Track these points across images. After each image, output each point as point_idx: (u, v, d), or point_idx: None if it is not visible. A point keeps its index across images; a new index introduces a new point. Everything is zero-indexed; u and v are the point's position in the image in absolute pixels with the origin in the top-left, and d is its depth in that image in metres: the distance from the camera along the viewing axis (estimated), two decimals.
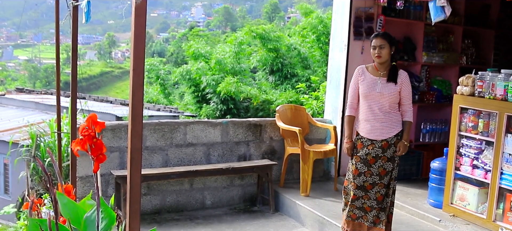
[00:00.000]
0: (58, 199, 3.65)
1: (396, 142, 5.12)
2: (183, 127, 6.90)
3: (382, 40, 5.07)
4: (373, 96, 5.09)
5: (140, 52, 2.89)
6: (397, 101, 5.13)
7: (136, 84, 2.90)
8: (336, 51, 7.78)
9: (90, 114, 3.13)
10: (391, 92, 5.06)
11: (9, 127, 16.44)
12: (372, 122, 5.12)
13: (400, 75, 5.11)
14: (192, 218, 6.70)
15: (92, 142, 3.14)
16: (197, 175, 6.80)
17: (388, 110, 5.09)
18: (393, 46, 5.12)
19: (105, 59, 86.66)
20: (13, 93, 23.54)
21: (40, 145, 11.29)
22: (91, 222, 3.51)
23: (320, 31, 17.96)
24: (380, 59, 5.08)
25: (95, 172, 3.26)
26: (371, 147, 5.12)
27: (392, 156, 5.13)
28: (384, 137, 5.09)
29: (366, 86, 5.13)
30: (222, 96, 16.88)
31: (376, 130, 5.11)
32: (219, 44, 27.32)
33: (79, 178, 6.23)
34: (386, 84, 5.07)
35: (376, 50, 5.08)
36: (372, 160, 5.12)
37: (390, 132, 5.10)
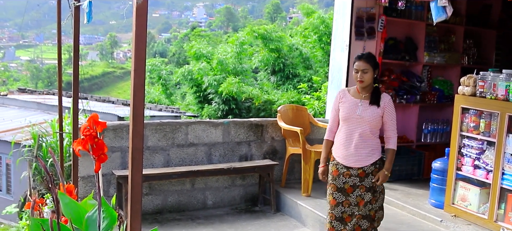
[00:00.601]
0: (60, 199, 3.66)
1: (374, 171, 4.71)
2: (185, 127, 6.91)
3: (366, 64, 4.66)
4: (354, 120, 4.71)
5: (142, 52, 2.90)
6: (378, 126, 4.73)
7: (138, 85, 2.90)
8: (338, 51, 7.79)
9: (91, 115, 3.14)
10: (373, 116, 4.66)
11: (11, 127, 16.47)
12: (348, 147, 4.72)
13: (383, 98, 4.73)
14: (194, 218, 6.71)
15: (93, 141, 3.15)
16: (198, 175, 6.82)
17: (368, 135, 4.68)
18: (376, 70, 4.73)
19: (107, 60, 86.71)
20: (15, 94, 23.58)
21: (42, 145, 11.31)
22: (93, 221, 3.51)
23: (322, 32, 17.98)
24: (363, 84, 4.68)
25: (96, 171, 3.26)
26: (347, 175, 4.73)
27: (371, 186, 4.72)
28: (360, 164, 4.70)
29: (347, 109, 4.75)
30: (224, 96, 16.90)
31: (351, 156, 4.71)
32: (220, 44, 27.35)
33: (81, 178, 6.25)
34: (368, 107, 4.69)
35: (359, 74, 4.68)
36: (350, 189, 4.73)
37: (367, 159, 4.70)
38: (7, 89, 29.75)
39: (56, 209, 3.92)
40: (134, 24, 2.78)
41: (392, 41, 8.11)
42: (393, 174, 7.48)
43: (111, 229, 3.74)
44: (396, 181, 7.55)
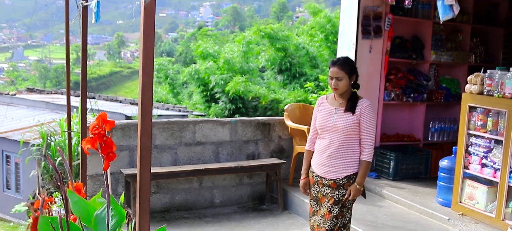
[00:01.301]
0: (69, 197, 3.69)
1: (346, 185, 4.38)
2: (192, 126, 6.94)
3: (339, 71, 4.33)
4: (328, 129, 4.41)
5: (149, 51, 2.93)
6: (355, 135, 4.35)
7: (146, 83, 2.93)
8: (345, 50, 7.79)
9: (100, 113, 3.17)
10: (347, 124, 4.32)
11: (20, 126, 16.56)
12: (322, 156, 4.46)
13: (360, 104, 4.36)
14: (201, 216, 6.74)
15: (102, 140, 3.17)
16: (206, 174, 6.85)
17: (343, 146, 4.36)
18: (353, 75, 4.40)
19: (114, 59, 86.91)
20: (24, 93, 23.69)
21: (50, 144, 11.37)
22: (101, 219, 3.54)
23: (329, 30, 18.00)
24: (337, 91, 4.37)
25: (105, 170, 3.29)
26: (320, 184, 4.48)
27: (340, 199, 4.39)
28: (332, 176, 4.40)
29: (322, 117, 4.48)
30: (231, 95, 16.93)
31: (324, 166, 4.45)
32: (227, 43, 27.39)
33: (89, 176, 6.28)
34: (343, 115, 4.37)
35: (333, 81, 4.37)
36: (322, 198, 4.48)
37: (340, 172, 4.39)
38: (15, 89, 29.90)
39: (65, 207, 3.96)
40: (142, 24, 2.81)
41: (399, 40, 8.12)
42: (400, 172, 7.54)
43: (120, 227, 3.77)
44: (403, 180, 7.56)
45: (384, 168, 7.69)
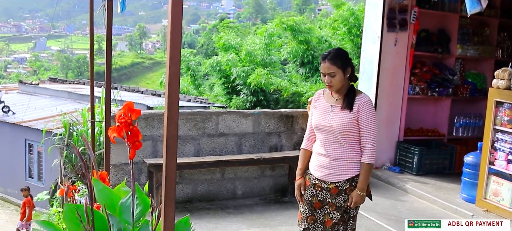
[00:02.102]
0: (94, 185, 3.70)
1: (349, 190, 3.98)
2: (215, 117, 6.94)
3: (331, 66, 3.90)
4: (323, 128, 4.03)
5: (177, 41, 2.91)
6: (355, 134, 3.95)
7: (173, 73, 2.92)
8: (369, 43, 7.73)
9: (126, 102, 3.16)
10: (343, 123, 3.91)
11: (43, 115, 16.72)
12: (320, 157, 4.07)
13: (359, 100, 3.93)
14: (223, 207, 6.73)
15: (128, 129, 3.17)
16: (228, 165, 6.84)
17: (342, 146, 3.97)
18: (347, 68, 3.95)
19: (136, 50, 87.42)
20: (47, 83, 23.93)
21: (72, 134, 11.46)
22: (126, 208, 3.55)
23: (352, 24, 17.87)
24: (332, 88, 3.97)
25: (131, 158, 3.29)
26: (318, 188, 4.07)
27: (342, 206, 4.02)
28: (333, 179, 4.00)
29: (317, 116, 4.09)
30: (252, 88, 16.90)
31: (324, 168, 4.04)
32: (249, 36, 27.34)
33: (112, 165, 6.31)
34: (339, 113, 3.96)
35: (326, 78, 3.95)
36: (317, 204, 4.08)
37: (341, 174, 3.99)
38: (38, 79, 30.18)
39: (90, 195, 3.98)
40: (169, 13, 2.79)
41: (425, 33, 8.03)
42: (424, 167, 7.48)
43: (144, 215, 3.78)
44: (426, 175, 7.49)
45: (407, 163, 7.63)
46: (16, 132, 17.05)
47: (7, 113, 17.61)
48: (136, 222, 3.59)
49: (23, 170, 17.28)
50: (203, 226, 5.93)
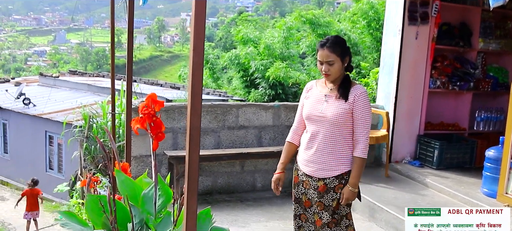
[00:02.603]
0: (116, 176, 3.73)
1: (337, 187, 3.79)
2: (235, 110, 6.95)
3: (330, 54, 3.72)
4: (315, 118, 3.83)
5: (200, 32, 2.91)
6: (347, 126, 3.76)
7: (196, 64, 2.93)
8: (390, 36, 7.68)
9: (150, 94, 3.18)
10: (337, 112, 3.73)
11: (63, 108, 16.88)
12: (309, 152, 3.87)
13: (354, 90, 3.76)
14: (243, 199, 6.75)
15: (152, 120, 3.20)
16: (248, 158, 6.85)
17: (334, 138, 3.77)
18: (346, 57, 3.80)
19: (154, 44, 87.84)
20: (67, 76, 24.13)
21: (92, 126, 11.55)
22: (149, 199, 3.58)
23: (371, 17, 17.76)
24: (329, 77, 3.79)
25: (154, 150, 3.32)
26: (307, 185, 3.91)
27: (330, 205, 3.81)
28: (321, 174, 3.81)
29: (309, 105, 3.89)
30: (271, 81, 16.89)
31: (312, 163, 3.85)
32: (267, 29, 27.31)
33: (133, 157, 6.35)
34: (333, 102, 3.78)
35: (323, 66, 3.77)
36: (307, 202, 3.94)
37: (331, 170, 3.79)
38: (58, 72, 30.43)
39: (113, 186, 4.01)
40: (193, 4, 2.80)
41: (446, 27, 7.96)
42: (445, 161, 7.42)
43: (166, 206, 3.80)
44: (447, 169, 7.44)
45: (427, 157, 7.58)
46: (36, 124, 17.23)
47: (28, 106, 17.80)
48: (158, 213, 3.62)
49: (43, 161, 17.46)
50: (223, 218, 5.95)
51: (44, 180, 16.58)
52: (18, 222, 12.97)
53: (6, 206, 15.18)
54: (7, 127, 18.65)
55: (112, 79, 7.02)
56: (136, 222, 3.78)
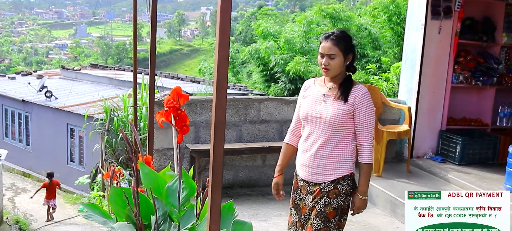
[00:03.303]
0: (140, 169, 3.76)
1: (332, 192, 3.54)
2: (257, 104, 6.96)
3: (333, 47, 3.48)
4: (312, 119, 3.59)
5: (226, 26, 2.92)
6: (347, 128, 3.53)
7: (222, 58, 2.94)
8: (413, 30, 7.63)
9: (175, 87, 3.20)
10: (336, 114, 3.48)
11: (84, 101, 17.01)
12: (305, 155, 3.65)
13: (355, 91, 3.51)
14: (264, 193, 6.76)
15: (176, 113, 3.22)
16: (270, 152, 6.86)
17: (332, 140, 3.53)
18: (349, 55, 3.54)
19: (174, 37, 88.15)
20: (88, 69, 24.30)
21: (113, 119, 11.63)
22: (173, 191, 3.60)
23: (392, 11, 17.64)
24: (328, 73, 3.53)
25: (179, 143, 3.33)
26: (304, 191, 3.69)
27: (323, 211, 3.54)
28: (317, 179, 3.58)
29: (306, 106, 3.66)
30: (291, 75, 16.87)
31: (308, 167, 3.64)
32: (287, 23, 27.26)
33: (155, 150, 6.39)
34: (332, 102, 3.54)
35: (324, 60, 3.52)
36: (303, 208, 3.71)
37: (327, 173, 3.56)
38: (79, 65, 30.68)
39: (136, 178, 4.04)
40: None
41: (469, 21, 7.89)
42: (467, 157, 7.37)
43: (190, 200, 3.82)
44: (469, 165, 7.38)
45: (450, 152, 7.53)
46: (58, 116, 17.39)
47: (49, 98, 17.97)
48: (182, 206, 3.64)
49: (64, 154, 17.63)
50: (244, 212, 5.96)
51: (65, 172, 16.77)
52: (39, 213, 13.12)
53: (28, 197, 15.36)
54: (30, 120, 18.85)
55: (135, 73, 7.07)
56: (159, 215, 3.81)
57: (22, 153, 19.01)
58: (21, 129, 19.49)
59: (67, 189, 16.34)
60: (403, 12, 15.73)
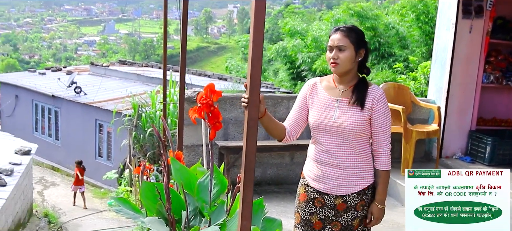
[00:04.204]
0: (171, 164, 3.81)
1: (359, 205, 3.27)
2: (286, 101, 6.98)
3: (343, 38, 3.16)
4: (327, 127, 3.22)
5: (260, 24, 2.95)
6: (366, 135, 3.23)
7: (255, 56, 2.96)
8: (443, 30, 7.58)
9: (208, 84, 3.24)
10: (355, 121, 3.16)
11: (112, 97, 17.16)
12: (325, 165, 3.28)
13: (371, 93, 3.18)
14: (292, 191, 6.77)
15: (209, 110, 3.25)
16: (298, 150, 6.87)
17: (353, 149, 3.22)
18: (361, 50, 3.20)
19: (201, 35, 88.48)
20: (116, 65, 24.51)
21: (141, 115, 11.73)
22: (204, 187, 3.64)
23: (420, 10, 17.47)
24: (337, 67, 3.18)
25: (211, 139, 3.37)
26: (318, 204, 3.32)
27: (349, 225, 3.30)
28: (341, 191, 3.25)
29: (317, 113, 3.28)
30: (318, 73, 16.83)
31: (329, 179, 3.27)
32: (314, 21, 27.19)
33: (184, 146, 6.44)
34: (348, 108, 3.19)
35: (333, 52, 3.19)
36: (318, 223, 3.35)
37: (352, 184, 3.25)
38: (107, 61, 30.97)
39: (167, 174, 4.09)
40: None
41: (501, 21, 7.80)
42: (497, 158, 7.29)
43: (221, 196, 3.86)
44: (499, 165, 7.29)
45: (479, 153, 7.46)
46: (87, 112, 17.59)
47: (79, 94, 18.17)
48: (213, 202, 3.68)
49: (93, 149, 17.82)
50: (272, 209, 5.98)
51: (93, 167, 16.96)
52: (68, 206, 13.30)
53: (57, 191, 15.56)
54: (59, 115, 19.10)
55: (164, 69, 7.12)
56: (190, 210, 3.85)
57: (51, 148, 19.27)
58: (51, 123, 19.76)
59: (95, 184, 16.53)
60: (431, 11, 15.59)
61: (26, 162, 8.99)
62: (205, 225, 3.71)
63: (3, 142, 10.82)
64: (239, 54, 33.87)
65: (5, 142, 10.96)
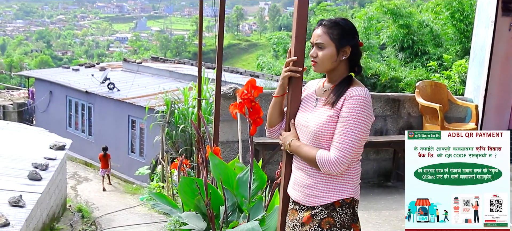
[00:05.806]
0: (210, 160, 3.82)
1: (325, 221, 2.78)
2: None
3: (322, 35, 2.81)
4: (301, 127, 2.92)
5: (303, 19, 2.94)
6: None
7: (297, 51, 2.96)
8: (482, 27, 7.46)
9: (249, 79, 3.24)
10: (321, 122, 2.77)
11: (145, 93, 17.28)
12: (296, 170, 2.96)
13: (347, 93, 2.76)
14: None
15: (250, 105, 3.26)
16: None
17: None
18: (346, 47, 2.82)
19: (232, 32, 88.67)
20: (149, 62, 24.70)
21: (174, 112, 11.81)
22: (243, 182, 3.65)
23: (455, 8, 17.24)
24: (316, 66, 2.91)
25: (252, 134, 3.38)
26: (292, 214, 2.96)
27: None
28: (309, 202, 2.84)
29: (300, 111, 3.00)
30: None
31: (299, 186, 2.91)
32: None
33: (220, 142, 6.46)
34: (320, 108, 2.84)
35: (313, 50, 2.86)
36: None
37: (320, 196, 2.80)
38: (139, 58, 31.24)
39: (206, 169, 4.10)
40: None
41: None
42: None
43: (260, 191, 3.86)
44: None
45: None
46: (120, 108, 17.75)
47: (112, 90, 18.35)
48: (252, 197, 3.68)
49: (125, 144, 17.98)
50: None
51: (125, 162, 17.13)
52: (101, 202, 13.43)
53: (90, 186, 15.74)
54: (92, 111, 19.32)
55: (199, 66, 7.15)
56: (228, 205, 3.86)
57: (84, 143, 19.50)
58: (84, 119, 20.00)
59: (127, 179, 16.68)
60: (466, 9, 15.37)
61: (60, 157, 9.11)
62: (244, 220, 3.72)
63: (38, 137, 10.99)
64: (270, 52, 33.88)
65: (40, 137, 11.13)
